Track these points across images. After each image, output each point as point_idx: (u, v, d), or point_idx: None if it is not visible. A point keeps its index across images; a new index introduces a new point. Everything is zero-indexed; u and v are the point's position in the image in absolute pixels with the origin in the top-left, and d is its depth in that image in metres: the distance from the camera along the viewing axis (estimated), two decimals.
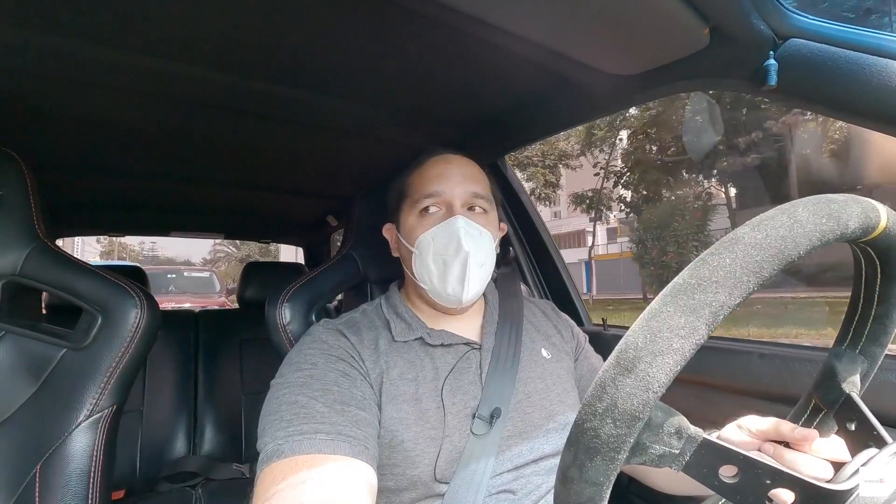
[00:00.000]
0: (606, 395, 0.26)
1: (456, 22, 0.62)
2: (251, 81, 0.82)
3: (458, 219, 0.68)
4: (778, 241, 0.27)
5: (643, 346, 0.26)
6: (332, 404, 0.54)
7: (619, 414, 0.26)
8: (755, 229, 0.28)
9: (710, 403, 0.84)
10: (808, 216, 0.28)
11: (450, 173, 0.72)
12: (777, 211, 0.29)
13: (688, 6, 0.55)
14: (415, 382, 0.64)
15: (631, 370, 0.26)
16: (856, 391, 0.38)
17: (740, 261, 0.27)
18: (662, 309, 0.27)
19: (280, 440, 0.50)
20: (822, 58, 0.53)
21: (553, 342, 0.79)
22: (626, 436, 0.26)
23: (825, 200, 0.30)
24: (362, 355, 0.64)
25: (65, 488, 0.66)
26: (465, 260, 0.67)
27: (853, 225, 0.30)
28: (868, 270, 0.37)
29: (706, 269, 0.27)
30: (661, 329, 0.26)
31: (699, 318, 0.26)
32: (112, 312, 0.73)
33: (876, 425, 0.36)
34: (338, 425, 0.52)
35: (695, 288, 0.26)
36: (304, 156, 1.27)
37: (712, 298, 0.26)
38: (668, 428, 0.29)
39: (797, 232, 0.28)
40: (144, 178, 1.39)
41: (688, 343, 0.25)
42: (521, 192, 1.25)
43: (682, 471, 0.30)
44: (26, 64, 0.73)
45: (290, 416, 0.52)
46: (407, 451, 0.59)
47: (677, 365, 0.25)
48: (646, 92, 0.76)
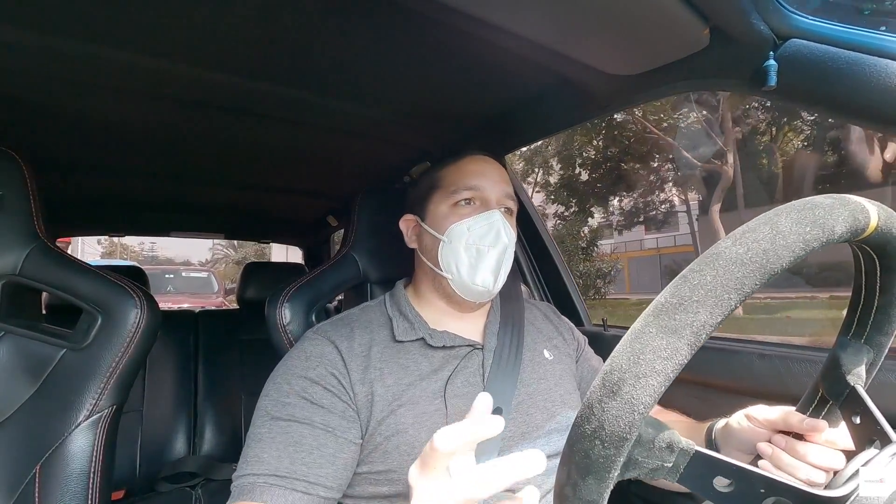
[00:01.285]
0: (594, 417, 0.26)
1: (456, 22, 0.62)
2: (251, 81, 0.82)
3: (497, 212, 0.71)
4: (759, 256, 0.27)
5: (627, 369, 0.26)
6: (287, 447, 0.57)
7: (606, 436, 0.26)
8: (736, 243, 0.27)
9: (710, 403, 0.84)
10: (791, 226, 0.28)
11: (489, 172, 0.74)
12: (759, 221, 0.28)
13: (688, 6, 0.55)
14: (412, 387, 0.63)
15: (616, 392, 0.26)
16: (861, 383, 0.38)
17: (721, 278, 0.26)
18: (645, 330, 0.27)
19: (235, 482, 0.56)
20: (822, 58, 0.53)
21: (555, 344, 0.79)
22: (615, 456, 0.26)
23: (810, 206, 0.29)
24: (349, 367, 0.63)
25: (64, 488, 0.66)
26: (503, 250, 0.69)
27: (840, 229, 0.29)
28: (867, 264, 0.36)
29: (687, 288, 0.27)
30: (643, 351, 0.26)
31: (681, 339, 0.26)
32: (112, 312, 0.73)
33: (880, 420, 0.35)
34: (282, 472, 0.55)
35: (676, 308, 0.26)
36: (305, 156, 1.27)
37: (693, 318, 0.26)
38: (659, 443, 0.29)
39: (779, 244, 0.27)
40: (144, 178, 1.39)
41: (670, 364, 0.25)
42: (521, 193, 1.25)
43: (678, 482, 0.30)
44: (26, 64, 0.73)
45: (251, 457, 0.57)
46: (403, 455, 0.59)
47: (661, 386, 0.25)
48: (646, 92, 0.76)
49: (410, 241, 0.78)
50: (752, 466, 0.29)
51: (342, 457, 0.58)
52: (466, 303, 0.72)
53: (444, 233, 0.70)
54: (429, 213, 0.74)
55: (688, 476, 0.29)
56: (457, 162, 0.75)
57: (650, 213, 16.08)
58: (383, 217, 0.81)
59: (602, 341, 1.00)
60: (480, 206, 0.72)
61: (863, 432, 0.37)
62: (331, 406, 0.60)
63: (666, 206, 16.10)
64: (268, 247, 2.67)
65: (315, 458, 0.56)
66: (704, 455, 0.29)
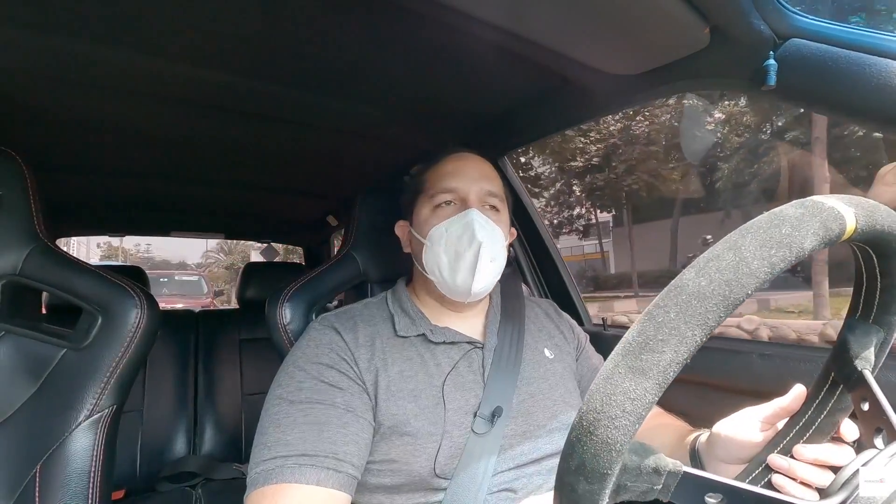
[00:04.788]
0: (576, 454, 0.27)
1: (457, 22, 0.62)
2: (252, 82, 0.82)
3: (472, 211, 0.70)
4: (722, 287, 0.26)
5: (601, 410, 0.26)
6: (311, 426, 0.56)
7: (588, 472, 0.27)
8: (699, 274, 0.27)
9: (710, 403, 0.84)
10: (755, 249, 0.27)
11: (466, 170, 0.73)
12: (723, 246, 0.28)
13: (688, 6, 0.55)
14: (414, 379, 0.64)
15: (593, 432, 0.26)
16: (869, 367, 0.37)
17: (683, 314, 0.26)
18: (615, 370, 0.27)
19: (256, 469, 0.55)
20: (822, 58, 0.53)
21: (556, 342, 0.79)
22: (599, 490, 0.27)
23: (776, 223, 0.28)
24: (356, 355, 0.64)
25: (65, 488, 0.66)
26: (477, 250, 0.68)
27: (810, 244, 0.28)
28: (862, 253, 0.36)
29: (652, 326, 0.27)
30: (614, 392, 0.26)
31: (648, 379, 0.26)
32: (112, 312, 0.73)
33: (886, 409, 0.34)
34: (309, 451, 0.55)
35: (642, 347, 0.26)
36: (305, 156, 1.27)
37: (658, 358, 0.26)
38: (645, 468, 0.29)
39: (742, 272, 0.26)
40: (144, 178, 1.39)
41: (639, 405, 0.26)
42: (522, 192, 1.25)
43: (670, 500, 0.30)
44: (26, 64, 0.73)
45: (272, 442, 0.56)
46: (405, 445, 0.59)
47: (634, 425, 0.26)
48: (646, 92, 0.76)
49: (406, 245, 0.79)
50: (741, 483, 0.30)
51: (364, 437, 0.59)
52: (457, 302, 0.72)
53: (426, 236, 0.71)
54: (415, 218, 0.75)
55: (679, 495, 0.30)
56: (437, 164, 0.75)
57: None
58: (383, 217, 0.81)
59: (602, 341, 1.00)
60: (461, 206, 0.71)
61: (870, 420, 0.36)
62: (349, 388, 0.61)
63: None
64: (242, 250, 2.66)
65: (342, 436, 0.56)
66: (692, 475, 0.30)
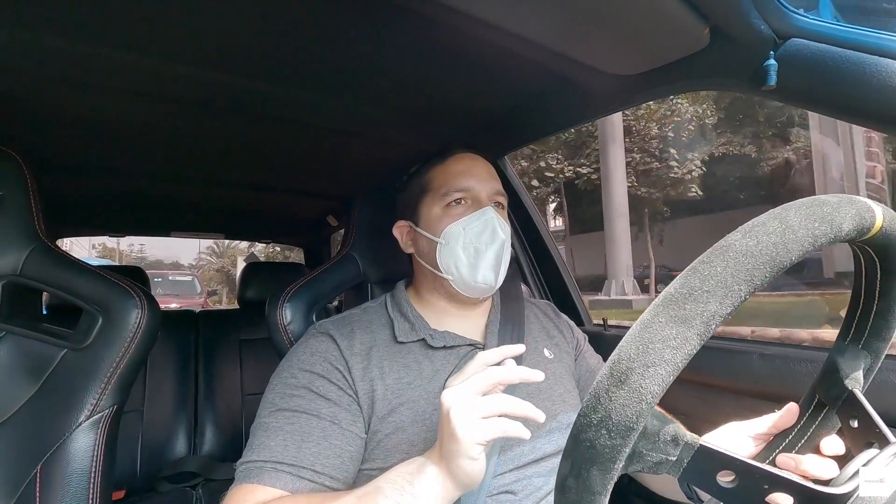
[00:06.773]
0: (601, 407, 0.26)
1: (457, 22, 0.62)
2: (251, 82, 0.82)
3: (489, 209, 0.71)
4: (770, 248, 0.27)
5: (635, 358, 0.26)
6: (294, 435, 0.57)
7: (613, 425, 0.26)
8: (746, 236, 0.28)
9: (710, 403, 0.84)
10: (801, 220, 0.28)
11: (477, 170, 0.74)
12: (769, 216, 0.29)
13: (688, 6, 0.55)
14: (411, 386, 0.64)
15: (624, 381, 0.26)
16: (858, 387, 0.38)
17: (731, 269, 0.26)
18: (654, 319, 0.26)
19: (240, 468, 0.57)
20: (822, 58, 0.53)
21: (555, 342, 0.79)
22: (621, 446, 0.26)
23: (818, 203, 0.29)
24: (350, 364, 0.64)
25: (65, 488, 0.66)
26: (501, 246, 0.70)
27: (847, 227, 0.29)
28: (868, 266, 0.36)
29: (697, 279, 0.27)
30: (652, 340, 0.26)
31: (690, 329, 0.26)
32: (113, 313, 0.73)
33: (878, 423, 0.35)
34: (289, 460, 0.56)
35: (686, 297, 0.26)
36: (305, 156, 1.26)
37: (703, 308, 0.26)
38: (664, 436, 0.29)
39: (789, 238, 0.27)
40: (144, 178, 1.39)
41: (679, 354, 0.25)
42: (522, 193, 1.25)
43: (681, 477, 0.30)
44: (26, 64, 0.73)
45: (256, 445, 0.58)
46: (405, 453, 0.59)
47: (670, 375, 0.25)
48: (646, 92, 0.76)
49: (406, 246, 0.78)
50: (757, 462, 0.29)
51: (348, 449, 0.59)
52: (470, 300, 0.73)
53: (441, 235, 0.71)
54: (422, 217, 0.74)
55: (691, 470, 0.29)
56: (443, 162, 0.75)
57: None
58: (383, 217, 0.81)
59: (602, 341, 1.00)
60: (473, 204, 0.72)
61: (860, 436, 0.37)
62: (337, 399, 0.61)
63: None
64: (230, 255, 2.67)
65: (322, 449, 0.57)
66: (709, 449, 0.29)
